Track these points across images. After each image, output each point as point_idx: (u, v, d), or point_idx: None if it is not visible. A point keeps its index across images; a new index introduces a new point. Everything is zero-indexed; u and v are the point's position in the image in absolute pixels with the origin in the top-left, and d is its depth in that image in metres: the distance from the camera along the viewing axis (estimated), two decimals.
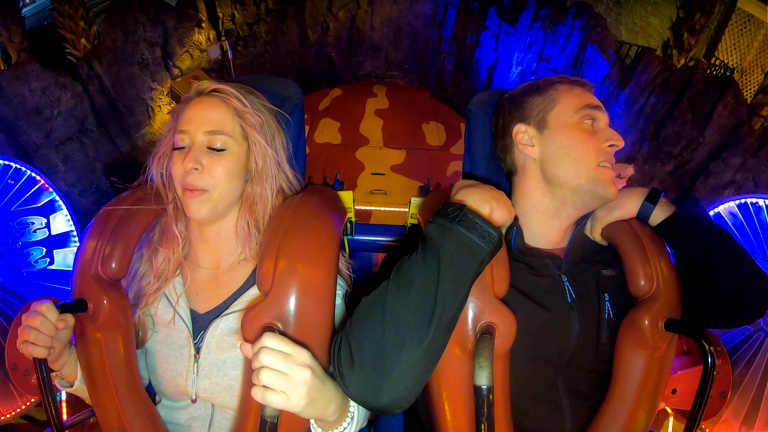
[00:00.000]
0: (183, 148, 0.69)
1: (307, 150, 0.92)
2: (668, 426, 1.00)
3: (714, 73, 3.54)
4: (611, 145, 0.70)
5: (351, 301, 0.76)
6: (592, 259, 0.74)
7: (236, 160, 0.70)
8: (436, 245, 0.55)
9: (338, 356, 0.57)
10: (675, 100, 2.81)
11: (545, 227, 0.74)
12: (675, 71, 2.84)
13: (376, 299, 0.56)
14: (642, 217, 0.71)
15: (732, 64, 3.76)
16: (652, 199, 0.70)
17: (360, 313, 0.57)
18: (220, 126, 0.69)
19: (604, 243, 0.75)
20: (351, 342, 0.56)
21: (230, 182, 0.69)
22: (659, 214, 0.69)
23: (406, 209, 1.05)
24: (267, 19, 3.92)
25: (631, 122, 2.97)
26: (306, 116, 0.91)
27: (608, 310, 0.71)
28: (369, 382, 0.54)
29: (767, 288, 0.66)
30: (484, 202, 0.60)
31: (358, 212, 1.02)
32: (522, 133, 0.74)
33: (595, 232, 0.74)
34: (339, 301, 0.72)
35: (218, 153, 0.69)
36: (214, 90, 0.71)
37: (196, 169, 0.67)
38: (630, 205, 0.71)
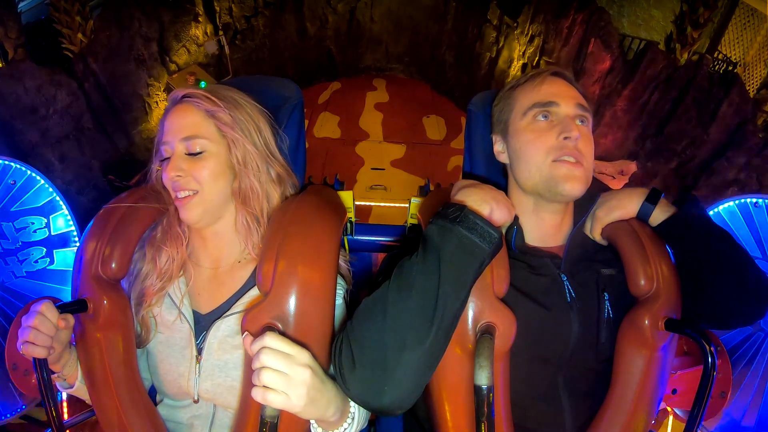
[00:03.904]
0: (169, 158, 0.70)
1: (306, 145, 0.91)
2: (668, 426, 1.01)
3: (717, 67, 3.51)
4: (566, 138, 0.68)
5: (352, 299, 0.76)
6: (592, 259, 0.74)
7: (217, 160, 0.70)
8: (436, 246, 0.55)
9: (339, 358, 0.57)
10: (679, 97, 2.78)
11: (533, 226, 0.74)
12: (679, 67, 2.81)
13: (376, 300, 0.56)
14: (642, 217, 0.71)
15: (735, 59, 3.72)
16: (652, 200, 0.70)
17: (361, 314, 0.57)
18: (194, 130, 0.69)
19: (604, 243, 0.75)
20: (352, 343, 0.56)
21: (216, 182, 0.70)
22: (659, 215, 0.69)
23: (406, 205, 1.04)
24: (265, 12, 3.88)
25: (634, 118, 2.95)
26: (305, 110, 0.91)
27: (608, 310, 0.71)
28: (370, 383, 0.54)
29: (767, 289, 0.65)
30: (484, 203, 0.60)
31: (357, 208, 1.01)
32: (496, 142, 0.78)
33: (594, 231, 0.74)
34: (340, 301, 0.72)
35: (197, 156, 0.69)
36: (185, 96, 0.71)
37: (179, 175, 0.68)
38: (630, 206, 0.71)
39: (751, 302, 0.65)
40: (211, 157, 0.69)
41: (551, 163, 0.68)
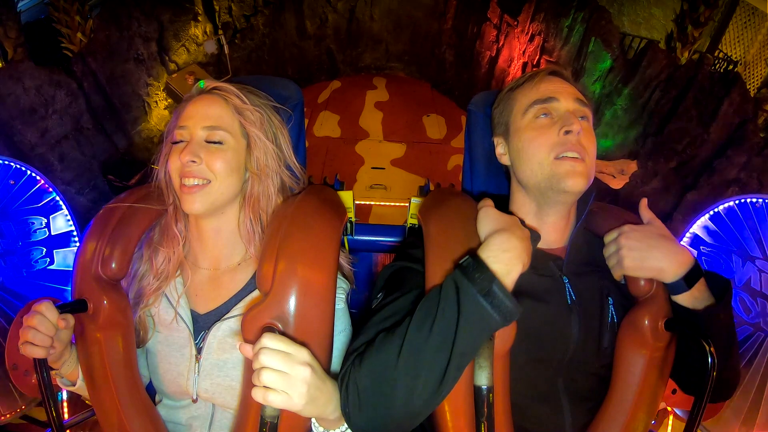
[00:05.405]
0: (181, 142, 0.69)
1: (306, 144, 0.91)
2: (668, 426, 1.01)
3: (717, 66, 3.50)
4: (567, 132, 0.67)
5: (353, 300, 0.76)
6: (596, 263, 0.73)
7: (234, 155, 0.70)
8: (454, 316, 0.53)
9: (345, 394, 0.58)
10: (680, 96, 2.77)
11: (537, 228, 0.73)
12: (680, 67, 2.80)
13: (389, 354, 0.56)
14: (671, 290, 0.66)
15: (735, 57, 3.72)
16: (689, 279, 0.64)
17: (372, 361, 0.57)
18: (219, 122, 0.69)
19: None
20: (360, 389, 0.57)
21: (229, 177, 0.69)
22: (687, 300, 0.65)
23: (406, 204, 1.04)
24: (264, 11, 3.87)
25: (635, 118, 2.94)
26: (305, 109, 0.91)
27: (612, 314, 0.70)
28: (375, 423, 0.57)
29: (738, 382, 0.72)
30: (519, 261, 0.57)
31: (357, 207, 1.01)
32: (498, 145, 0.78)
33: (617, 276, 0.70)
34: (341, 305, 0.72)
35: (216, 146, 0.68)
36: (215, 88, 0.71)
37: (194, 161, 0.67)
38: (666, 274, 0.64)
39: (724, 394, 0.71)
40: (229, 150, 0.69)
41: (553, 161, 0.67)
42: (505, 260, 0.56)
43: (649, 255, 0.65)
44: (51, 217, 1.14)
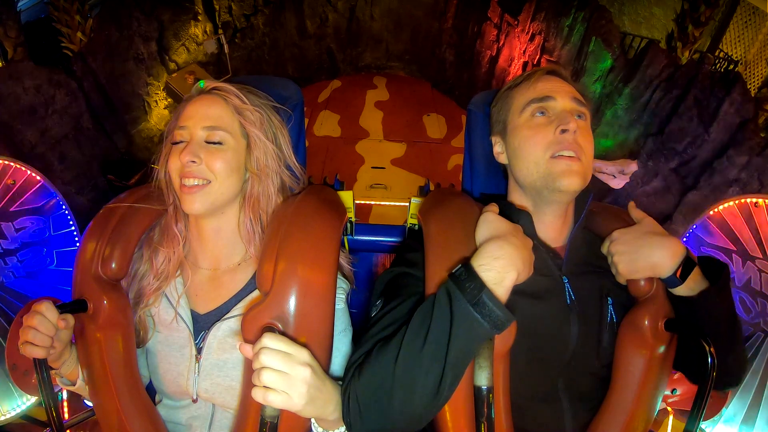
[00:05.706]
0: (181, 142, 0.69)
1: (306, 144, 0.91)
2: (668, 426, 1.01)
3: (718, 66, 3.50)
4: (563, 130, 0.67)
5: (354, 300, 0.76)
6: (595, 263, 0.73)
7: (234, 155, 0.70)
8: (447, 325, 0.54)
9: (347, 407, 0.59)
10: (680, 96, 2.77)
11: (536, 226, 0.73)
12: (681, 66, 2.80)
13: (386, 364, 0.57)
14: (666, 284, 0.67)
15: (736, 57, 3.72)
16: (683, 272, 0.64)
17: (370, 372, 0.58)
18: (219, 122, 0.69)
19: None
20: (360, 399, 0.58)
21: (229, 177, 0.69)
22: (683, 290, 0.65)
23: (407, 204, 1.04)
24: (265, 11, 3.87)
25: (635, 117, 2.94)
26: (305, 109, 0.91)
27: (611, 314, 0.70)
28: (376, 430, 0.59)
29: (744, 369, 0.70)
30: (512, 269, 0.56)
31: (357, 207, 1.01)
32: (496, 144, 0.78)
33: (621, 281, 0.71)
34: (341, 305, 0.72)
35: (216, 147, 0.68)
36: (214, 88, 0.71)
37: (194, 162, 0.67)
38: (659, 270, 0.65)
39: (728, 381, 0.70)
40: (229, 151, 0.69)
41: (549, 159, 0.67)
42: (497, 268, 0.56)
43: (640, 255, 0.66)
44: (51, 217, 1.14)
